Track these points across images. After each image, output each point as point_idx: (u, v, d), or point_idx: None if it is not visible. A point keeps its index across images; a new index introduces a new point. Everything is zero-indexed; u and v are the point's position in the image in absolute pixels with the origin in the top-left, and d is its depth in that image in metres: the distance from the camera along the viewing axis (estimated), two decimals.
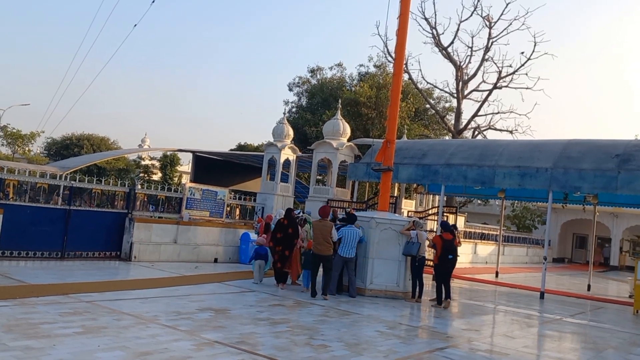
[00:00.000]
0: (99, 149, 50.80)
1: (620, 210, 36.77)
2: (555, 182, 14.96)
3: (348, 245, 11.41)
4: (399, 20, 13.59)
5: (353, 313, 9.55)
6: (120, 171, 48.81)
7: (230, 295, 10.33)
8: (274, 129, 20.95)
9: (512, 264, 31.72)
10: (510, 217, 42.48)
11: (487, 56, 32.07)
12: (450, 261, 11.75)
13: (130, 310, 7.75)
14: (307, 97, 38.59)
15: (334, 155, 19.68)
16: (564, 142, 16.22)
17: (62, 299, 8.11)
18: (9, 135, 46.18)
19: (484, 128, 33.06)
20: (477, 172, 16.26)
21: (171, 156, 50.87)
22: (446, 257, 11.59)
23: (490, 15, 31.62)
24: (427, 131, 35.16)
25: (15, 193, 12.90)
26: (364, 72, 38.37)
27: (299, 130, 32.10)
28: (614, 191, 14.31)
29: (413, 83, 33.32)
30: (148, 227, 14.51)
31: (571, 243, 45.25)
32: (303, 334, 7.32)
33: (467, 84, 32.79)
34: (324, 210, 11.58)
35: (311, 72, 40.01)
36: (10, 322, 6.34)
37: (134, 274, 12.20)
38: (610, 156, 14.61)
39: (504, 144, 17.74)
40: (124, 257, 14.12)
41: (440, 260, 11.58)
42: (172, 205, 16.07)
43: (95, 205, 14.29)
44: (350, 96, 32.63)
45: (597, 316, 12.99)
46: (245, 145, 45.42)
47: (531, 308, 13.07)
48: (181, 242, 15.26)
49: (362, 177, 19.07)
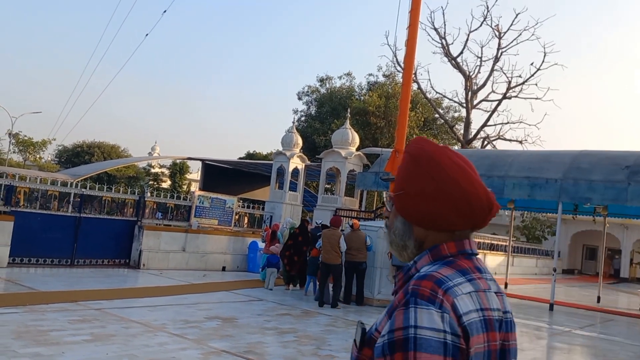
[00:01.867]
0: (110, 157, 51.13)
1: (631, 222, 36.39)
2: (565, 193, 14.88)
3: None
4: (408, 31, 13.62)
5: None
6: (130, 179, 49.10)
7: (238, 304, 10.34)
8: (283, 138, 21.02)
9: (521, 275, 31.49)
10: (520, 228, 42.19)
11: (496, 66, 32.06)
12: None
13: (139, 318, 7.79)
14: (316, 106, 38.72)
15: (343, 165, 19.71)
16: (574, 153, 16.15)
17: (71, 306, 8.16)
18: (20, 143, 46.65)
19: (493, 138, 32.99)
20: (487, 182, 15.80)
21: (180, 164, 51.12)
22: None
23: (500, 26, 31.66)
24: (436, 141, 34.98)
25: (26, 200, 13.03)
26: (373, 82, 38.47)
27: (308, 139, 32.18)
28: (624, 203, 14.22)
29: (422, 93, 33.33)
30: (157, 235, 14.58)
31: (581, 254, 44.86)
32: (310, 344, 7.32)
33: (477, 94, 32.75)
34: (335, 220, 11.81)
35: (320, 82, 40.17)
36: (20, 329, 6.39)
37: (142, 282, 12.25)
38: (621, 168, 14.53)
39: (514, 154, 17.69)
40: (133, 265, 14.18)
41: None
42: (181, 213, 16.14)
43: (105, 213, 14.39)
44: (359, 105, 32.69)
45: (607, 329, 12.87)
46: (254, 154, 45.58)
47: (540, 320, 12.98)
48: (190, 250, 15.31)
49: (370, 186, 19.06)
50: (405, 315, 1.06)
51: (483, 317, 1.10)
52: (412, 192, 1.21)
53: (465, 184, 1.19)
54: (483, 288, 1.15)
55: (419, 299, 1.07)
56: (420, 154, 1.24)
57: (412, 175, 1.23)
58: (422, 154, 1.23)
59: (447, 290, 1.08)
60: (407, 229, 1.25)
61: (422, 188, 1.20)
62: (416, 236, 1.24)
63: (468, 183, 1.19)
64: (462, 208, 1.18)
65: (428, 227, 1.22)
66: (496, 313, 1.15)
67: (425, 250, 1.22)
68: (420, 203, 1.21)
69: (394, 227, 1.28)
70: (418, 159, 1.23)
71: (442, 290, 1.08)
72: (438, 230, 1.21)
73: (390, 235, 1.30)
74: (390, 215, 1.30)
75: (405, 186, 1.23)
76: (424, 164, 1.22)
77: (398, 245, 1.28)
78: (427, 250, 1.22)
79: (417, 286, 1.10)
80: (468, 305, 1.08)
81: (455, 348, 1.03)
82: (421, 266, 1.20)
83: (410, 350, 1.02)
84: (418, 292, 1.08)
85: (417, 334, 1.03)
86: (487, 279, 1.20)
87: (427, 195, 1.19)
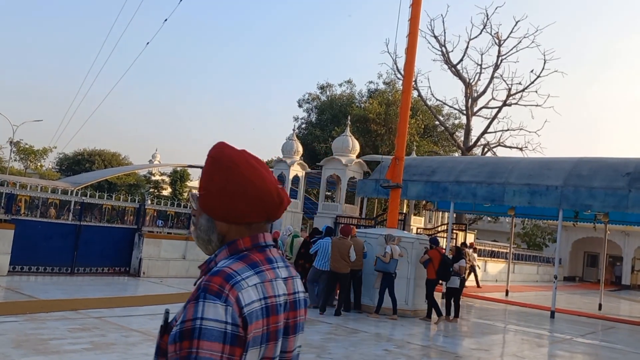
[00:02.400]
0: (110, 165, 51.18)
1: (632, 229, 36.34)
2: (565, 200, 14.88)
3: (324, 257, 11.44)
4: (408, 39, 13.69)
5: (361, 331, 9.50)
6: (131, 187, 49.11)
7: None
8: (284, 145, 21.04)
9: (522, 282, 31.41)
10: (521, 235, 42.14)
11: (496, 73, 32.10)
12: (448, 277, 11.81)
13: (139, 326, 7.77)
14: (317, 113, 38.76)
15: (343, 172, 19.72)
16: (575, 160, 16.15)
17: (71, 314, 8.14)
18: (21, 151, 46.72)
19: (494, 145, 32.99)
20: (487, 190, 16.20)
21: (181, 172, 51.14)
22: (445, 271, 11.50)
23: (500, 33, 31.73)
24: (436, 148, 35.14)
25: (26, 208, 13.03)
26: (373, 89, 38.53)
27: (308, 146, 32.20)
28: (625, 210, 14.21)
29: (422, 100, 33.37)
30: (157, 243, 14.57)
31: (582, 261, 44.75)
32: (311, 352, 7.29)
33: (477, 101, 32.79)
34: (345, 229, 11.84)
35: (321, 89, 40.25)
36: (20, 338, 6.38)
37: (142, 290, 12.23)
38: (621, 174, 14.53)
39: (514, 161, 17.70)
40: (133, 273, 14.16)
41: (437, 274, 11.50)
42: (182, 220, 16.14)
43: (106, 221, 14.39)
44: (360, 113, 32.72)
45: (608, 336, 12.82)
46: None
47: (541, 327, 12.93)
48: (190, 257, 15.29)
49: (371, 193, 19.06)
50: (195, 308, 1.21)
51: (265, 305, 1.28)
52: (214, 190, 1.38)
53: (259, 182, 1.37)
54: (270, 278, 1.33)
55: (208, 293, 1.22)
56: (220, 156, 1.41)
57: (213, 175, 1.39)
58: (221, 157, 1.40)
59: (233, 285, 1.24)
60: (211, 224, 1.40)
61: (222, 187, 1.37)
62: (219, 230, 1.40)
63: (261, 181, 1.38)
64: (256, 203, 1.37)
65: (229, 222, 1.39)
66: (282, 298, 1.34)
67: (225, 245, 1.39)
68: (220, 200, 1.37)
69: (199, 223, 1.43)
70: (218, 161, 1.40)
71: (229, 285, 1.24)
72: (237, 223, 1.39)
73: (197, 231, 1.44)
74: (197, 213, 1.44)
75: (208, 186, 1.39)
76: (224, 165, 1.38)
77: (204, 240, 1.43)
78: (226, 244, 1.39)
79: (209, 282, 1.25)
80: (252, 297, 1.25)
81: (234, 336, 1.20)
82: (220, 259, 1.36)
83: (195, 338, 1.18)
84: (208, 288, 1.23)
85: (202, 325, 1.18)
86: (276, 268, 1.38)
87: (226, 193, 1.36)
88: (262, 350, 1.27)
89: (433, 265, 11.49)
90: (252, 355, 1.24)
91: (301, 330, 1.44)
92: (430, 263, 11.54)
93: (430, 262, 11.56)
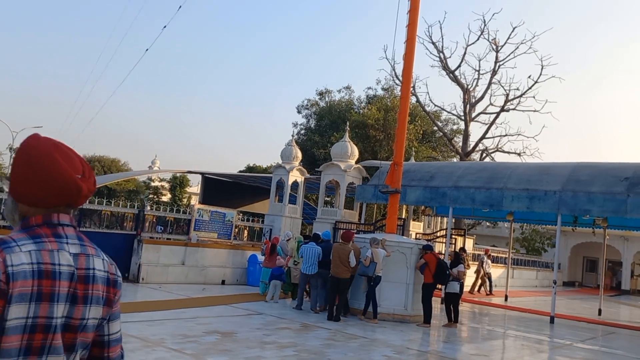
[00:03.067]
0: (110, 171, 51.19)
1: (631, 234, 36.35)
2: (564, 205, 14.88)
3: (308, 262, 11.73)
4: (406, 45, 13.73)
5: (360, 337, 9.48)
6: (130, 192, 49.10)
7: (237, 318, 10.30)
8: (283, 151, 21.06)
9: (521, 287, 31.37)
10: (520, 240, 42.14)
11: (494, 79, 32.15)
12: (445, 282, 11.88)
13: (137, 333, 7.75)
14: (316, 119, 38.82)
15: (342, 177, 19.72)
16: (573, 165, 16.17)
17: None
18: None
19: (492, 150, 33.00)
20: (486, 195, 16.22)
21: (180, 177, 51.15)
22: (442, 275, 11.54)
23: (497, 39, 31.80)
24: (434, 153, 35.17)
25: None
26: (372, 95, 38.60)
27: (307, 152, 32.23)
28: (623, 215, 14.21)
29: (420, 106, 33.43)
30: (156, 249, 14.55)
31: (581, 266, 44.73)
32: (309, 358, 7.28)
33: (475, 107, 32.83)
34: (346, 234, 11.95)
35: (320, 95, 40.31)
36: None
37: (141, 296, 12.20)
38: (620, 179, 14.54)
39: (512, 166, 17.71)
40: (132, 279, 14.14)
41: (435, 278, 11.54)
42: (181, 226, 16.13)
43: (105, 227, 14.37)
44: (358, 118, 32.76)
45: (608, 342, 12.81)
46: (254, 167, 45.59)
47: (541, 333, 12.91)
48: (189, 263, 15.26)
49: (370, 199, 19.07)
50: None
51: (38, 269, 1.46)
52: (17, 177, 1.56)
53: (55, 173, 1.54)
54: (50, 249, 1.51)
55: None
56: (25, 147, 1.58)
57: (15, 165, 1.59)
58: (26, 148, 1.57)
59: (4, 249, 1.45)
60: (15, 206, 1.60)
61: (23, 174, 1.55)
62: (20, 211, 1.59)
63: (58, 173, 1.54)
64: (52, 191, 1.55)
65: (28, 204, 1.58)
66: (64, 267, 1.50)
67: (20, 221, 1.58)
68: (21, 186, 1.56)
69: (6, 204, 1.64)
70: (22, 152, 1.58)
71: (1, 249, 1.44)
72: (36, 206, 1.57)
73: (5, 211, 1.66)
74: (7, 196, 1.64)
75: (13, 173, 1.58)
76: (26, 155, 1.56)
77: (10, 218, 1.63)
78: (20, 221, 1.58)
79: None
80: (22, 259, 1.44)
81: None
82: (13, 232, 1.55)
83: None
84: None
85: None
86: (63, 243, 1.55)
87: (26, 180, 1.55)
88: (33, 308, 1.44)
89: (430, 269, 11.52)
90: (21, 309, 1.42)
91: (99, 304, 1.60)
92: (426, 267, 11.57)
93: (426, 266, 11.58)
